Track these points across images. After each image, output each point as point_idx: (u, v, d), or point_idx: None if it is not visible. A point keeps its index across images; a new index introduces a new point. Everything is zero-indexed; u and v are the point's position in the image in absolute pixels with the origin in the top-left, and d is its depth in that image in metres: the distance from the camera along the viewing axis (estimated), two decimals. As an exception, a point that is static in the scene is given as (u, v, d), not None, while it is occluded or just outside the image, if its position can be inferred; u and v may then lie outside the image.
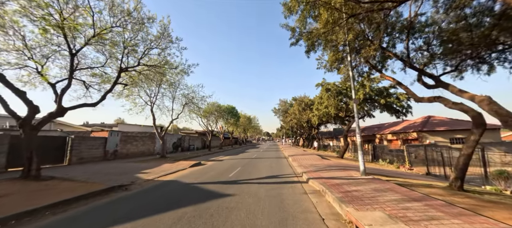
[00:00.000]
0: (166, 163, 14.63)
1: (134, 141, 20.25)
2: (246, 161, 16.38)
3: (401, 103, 16.43)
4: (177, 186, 7.78)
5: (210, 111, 32.12)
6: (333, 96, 16.73)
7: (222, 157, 20.22)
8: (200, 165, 14.29)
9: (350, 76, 12.33)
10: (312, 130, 37.75)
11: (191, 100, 21.31)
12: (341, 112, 20.41)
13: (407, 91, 9.87)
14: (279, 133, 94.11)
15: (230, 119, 38.65)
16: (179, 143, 29.12)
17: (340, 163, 14.10)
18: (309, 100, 31.28)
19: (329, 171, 9.82)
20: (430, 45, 9.29)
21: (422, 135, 20.46)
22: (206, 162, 16.32)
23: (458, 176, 7.30)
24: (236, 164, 14.18)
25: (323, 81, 17.50)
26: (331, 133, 53.31)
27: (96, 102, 10.01)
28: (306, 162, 13.67)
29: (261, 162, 15.15)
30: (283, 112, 40.25)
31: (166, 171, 11.31)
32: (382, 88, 17.31)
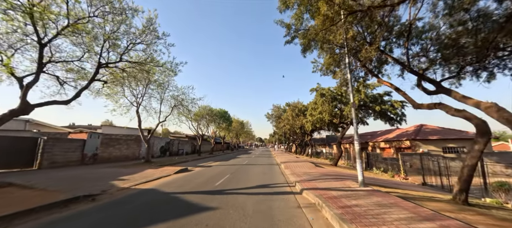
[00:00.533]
0: (150, 169, 13.55)
1: (117, 144, 18.95)
2: (236, 167, 15.49)
3: (396, 111, 16.15)
4: (155, 196, 6.84)
5: (201, 114, 31.10)
6: (327, 102, 16.28)
7: (212, 163, 19.22)
8: (186, 171, 13.29)
9: (347, 79, 11.84)
10: (305, 137, 37.29)
11: (180, 102, 20.33)
12: (335, 118, 19.99)
13: (405, 97, 9.43)
14: (272, 139, 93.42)
15: (222, 123, 37.67)
16: (168, 147, 27.84)
17: (334, 171, 13.48)
18: (303, 106, 30.87)
19: (324, 180, 9.13)
20: (428, 51, 8.96)
21: (415, 143, 20.29)
22: (194, 168, 15.31)
23: (463, 189, 6.77)
24: (225, 171, 13.28)
25: (317, 86, 17.09)
26: (324, 140, 53.12)
27: (69, 99, 8.98)
28: (299, 170, 12.96)
29: (251, 169, 14.32)
30: (276, 117, 39.68)
31: (147, 177, 10.29)
32: (376, 95, 17.04)
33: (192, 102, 21.49)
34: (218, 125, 36.32)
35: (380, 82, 10.26)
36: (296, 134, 39.06)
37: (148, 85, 16.86)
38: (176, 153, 29.72)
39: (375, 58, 11.44)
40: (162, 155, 26.24)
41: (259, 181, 9.65)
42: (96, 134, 16.86)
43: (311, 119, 20.70)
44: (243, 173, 12.51)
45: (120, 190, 7.64)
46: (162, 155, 26.26)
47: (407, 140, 21.21)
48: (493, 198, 8.93)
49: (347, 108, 15.35)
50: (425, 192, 8.56)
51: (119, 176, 10.60)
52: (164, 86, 18.28)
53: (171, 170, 13.03)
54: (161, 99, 18.63)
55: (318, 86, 16.95)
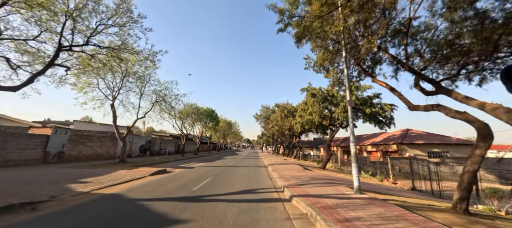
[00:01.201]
0: (122, 170, 12.10)
1: (89, 142, 17.13)
2: (220, 169, 14.40)
3: (385, 114, 15.91)
4: (115, 204, 5.66)
5: (186, 112, 29.58)
6: (318, 102, 15.70)
7: (195, 164, 17.95)
8: (164, 173, 12.01)
9: (340, 78, 11.30)
10: (293, 138, 36.86)
11: (163, 98, 18.87)
12: (325, 120, 19.52)
13: (400, 98, 8.93)
14: (260, 140, 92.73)
15: (209, 122, 36.26)
16: (148, 146, 26.04)
17: (324, 175, 12.83)
18: (292, 107, 30.37)
19: (315, 185, 8.36)
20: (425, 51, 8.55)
21: (402, 147, 20.35)
22: (173, 169, 14.02)
23: (463, 197, 6.26)
24: (207, 173, 12.17)
25: (308, 86, 16.49)
26: (311, 142, 53.22)
27: (18, 85, 7.49)
28: (288, 173, 12.15)
29: (237, 172, 13.31)
30: (265, 118, 38.93)
31: (115, 180, 8.96)
32: (366, 97, 16.73)
33: (176, 99, 20.08)
34: (205, 124, 34.87)
35: (375, 81, 9.72)
36: (284, 136, 38.53)
37: (125, 77, 15.32)
38: (157, 153, 27.94)
39: (369, 57, 10.98)
40: (142, 155, 24.45)
41: (244, 186, 8.68)
42: (63, 130, 15.02)
43: (301, 120, 20.10)
44: (226, 175, 11.47)
45: (74, 196, 6.33)
46: (142, 154, 24.47)
47: (394, 144, 21.25)
48: (485, 205, 8.65)
49: (338, 110, 14.86)
50: (420, 199, 8.05)
51: (82, 178, 9.16)
52: (145, 79, 16.81)
53: (146, 171, 11.70)
54: (140, 93, 17.11)
55: (309, 86, 16.38)
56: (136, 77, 16.08)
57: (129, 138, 22.14)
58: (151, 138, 27.15)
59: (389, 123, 16.49)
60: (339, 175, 14.64)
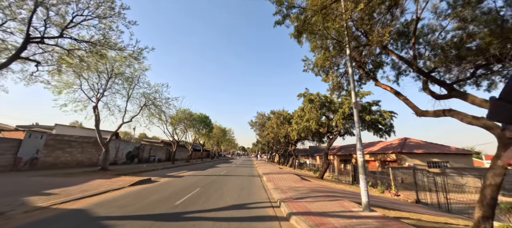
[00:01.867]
0: (100, 179, 10.86)
1: (69, 147, 15.77)
2: (211, 179, 13.30)
3: (385, 122, 15.29)
4: (73, 224, 4.58)
5: (179, 118, 28.42)
6: (315, 109, 14.98)
7: (184, 173, 16.74)
8: (147, 183, 10.85)
9: (345, 77, 10.59)
10: (289, 146, 35.95)
11: (152, 102, 17.79)
12: (322, 127, 18.80)
13: (406, 102, 8.24)
14: (255, 148, 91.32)
15: (202, 129, 35.04)
16: (136, 153, 24.61)
17: (323, 186, 11.91)
18: (288, 114, 29.64)
19: (315, 199, 7.43)
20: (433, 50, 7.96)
21: (401, 157, 19.72)
22: (160, 178, 12.83)
23: (487, 215, 5.44)
24: (196, 183, 11.06)
25: (305, 91, 15.80)
26: (307, 150, 52.36)
27: (-28, 80, 6.41)
28: (284, 184, 11.18)
29: (229, 182, 12.24)
30: (260, 125, 38.04)
31: (87, 192, 7.80)
32: (365, 104, 16.14)
33: (167, 103, 19.02)
34: (197, 131, 33.63)
35: (379, 85, 9.04)
36: (279, 144, 37.59)
37: (111, 78, 14.27)
38: (146, 160, 26.46)
39: (369, 60, 10.39)
40: (129, 162, 22.99)
41: (235, 199, 7.67)
42: (39, 134, 13.70)
43: (297, 127, 19.28)
44: (217, 186, 10.40)
45: (27, 212, 5.21)
46: (129, 161, 23.00)
47: (393, 153, 20.62)
48: (501, 222, 7.88)
49: (337, 116, 14.15)
50: (432, 215, 7.20)
51: (49, 188, 7.96)
52: (133, 81, 15.79)
53: (127, 181, 10.51)
54: (128, 96, 16.01)
55: (306, 92, 15.69)
56: (124, 78, 15.05)
57: (115, 144, 20.79)
58: (139, 145, 25.74)
59: (389, 131, 15.86)
60: (339, 186, 13.74)
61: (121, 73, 14.87)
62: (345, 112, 14.04)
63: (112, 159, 20.31)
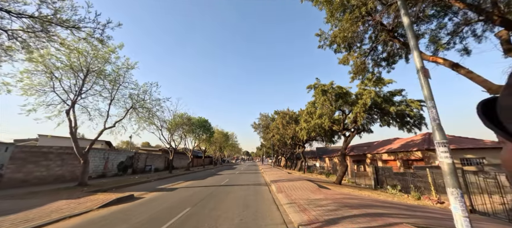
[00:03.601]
0: (67, 199, 8.59)
1: (44, 160, 13.61)
2: (208, 191, 10.94)
3: (413, 112, 12.81)
4: None
5: (176, 123, 26.28)
6: (330, 101, 12.61)
7: (179, 184, 14.42)
8: (126, 202, 8.56)
9: (365, 64, 8.27)
10: (296, 148, 33.43)
11: (141, 104, 15.62)
12: (336, 125, 16.36)
13: (471, 77, 5.86)
14: (259, 152, 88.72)
15: (202, 134, 32.80)
16: (130, 163, 22.40)
17: (349, 195, 9.44)
18: (293, 113, 27.26)
19: (354, 223, 5.01)
20: None
21: (428, 154, 17.10)
22: (147, 193, 10.54)
23: None
24: (188, 200, 8.73)
25: (316, 82, 13.41)
26: (314, 152, 49.63)
27: None
28: (299, 195, 8.77)
29: (230, 195, 9.86)
30: (264, 127, 35.63)
31: (28, 222, 5.53)
32: (387, 94, 13.72)
33: (158, 104, 16.83)
34: (197, 136, 31.39)
35: (426, 58, 6.65)
36: (285, 146, 35.06)
37: (87, 76, 12.16)
38: (142, 170, 24.23)
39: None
40: (121, 173, 20.77)
41: (237, 224, 5.30)
42: (3, 146, 11.57)
43: (307, 126, 16.88)
44: (214, 203, 8.04)
45: None
46: (121, 173, 20.78)
47: (418, 151, 18.00)
48: None
49: (357, 109, 11.72)
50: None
51: (-22, 219, 5.71)
52: (116, 80, 13.67)
53: (100, 201, 8.23)
54: (111, 98, 13.87)
55: (317, 82, 13.31)
56: (104, 76, 12.94)
57: (103, 154, 18.63)
58: (134, 154, 23.54)
59: (419, 124, 13.36)
60: (364, 193, 11.23)
61: (102, 71, 12.78)
62: (367, 103, 11.62)
63: (100, 172, 18.15)
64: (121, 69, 13.73)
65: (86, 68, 11.94)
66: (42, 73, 11.35)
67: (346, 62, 9.13)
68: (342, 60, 9.16)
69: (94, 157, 17.56)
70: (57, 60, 11.38)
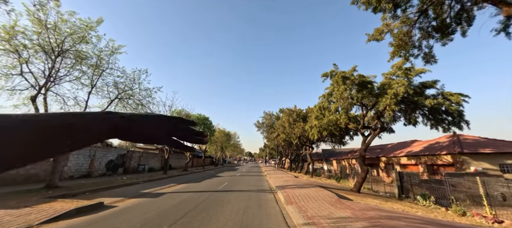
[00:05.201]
0: (10, 208, 6.54)
1: (13, 157, 11.62)
2: (201, 198, 8.81)
3: (455, 107, 10.43)
4: None
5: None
6: (349, 90, 10.32)
7: (170, 187, 12.34)
8: (91, 212, 6.52)
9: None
10: (303, 149, 31.10)
11: (128, 94, 13.61)
12: (352, 123, 14.06)
13: None
14: (262, 153, 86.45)
15: (202, 132, 30.75)
16: (121, 162, 20.45)
17: (382, 210, 7.15)
18: (301, 111, 24.98)
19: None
20: None
21: (461, 159, 14.62)
22: (124, 200, 8.48)
23: None
24: (170, 213, 6.60)
25: (334, 69, 11.09)
26: (320, 155, 47.08)
27: None
28: (318, 209, 6.56)
29: (226, 207, 7.70)
30: (268, 126, 33.41)
31: None
32: (419, 85, 11.40)
33: (149, 95, 14.78)
34: (196, 134, 29.33)
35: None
36: (290, 147, 32.75)
37: (59, 56, 10.21)
38: (135, 170, 22.27)
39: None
40: (111, 173, 18.82)
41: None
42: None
43: (318, 123, 14.62)
44: (201, 219, 5.89)
45: None
46: (111, 172, 18.83)
47: (448, 155, 15.53)
48: None
49: (385, 101, 9.41)
50: None
51: None
52: (100, 66, 11.71)
53: (52, 211, 6.17)
54: (92, 85, 11.90)
55: (335, 69, 11.01)
56: (81, 59, 10.96)
57: (89, 151, 16.70)
58: (126, 152, 21.59)
59: (459, 122, 10.98)
60: (400, 206, 8.90)
61: (79, 53, 10.82)
62: (399, 93, 9.32)
63: (85, 171, 16.22)
64: (103, 52, 11.77)
65: (59, 47, 9.98)
66: (7, 53, 9.44)
67: (380, 36, 6.90)
68: (374, 35, 6.94)
69: (77, 154, 15.64)
70: (24, 36, 9.47)
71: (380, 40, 7.18)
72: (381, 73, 11.33)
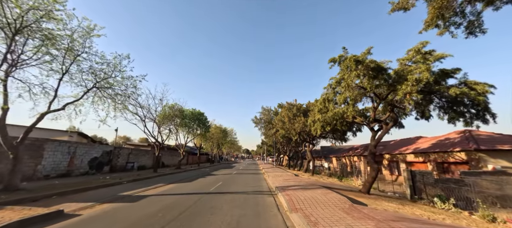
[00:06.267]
0: None
1: (-29, 154, 10.02)
2: (188, 203, 7.36)
3: (481, 98, 9.10)
4: None
5: (166, 115, 22.77)
6: (362, 78, 8.89)
7: (156, 188, 10.85)
8: (39, 225, 4.98)
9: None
10: (302, 146, 29.83)
11: (110, 83, 11.96)
12: (358, 117, 12.70)
13: None
14: (260, 150, 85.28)
15: (196, 128, 29.23)
16: (107, 159, 18.85)
17: (407, 218, 5.78)
18: (301, 105, 23.57)
19: None
20: None
21: (477, 156, 13.41)
22: (94, 206, 7.00)
23: None
24: (142, 225, 5.12)
25: (342, 54, 9.55)
26: (319, 152, 45.93)
27: None
28: (330, 219, 5.19)
29: (215, 215, 6.26)
30: (266, 122, 31.97)
31: None
32: (439, 73, 10.03)
33: (133, 85, 13.12)
34: (190, 130, 27.82)
35: None
36: (289, 143, 31.43)
37: (18, 33, 8.55)
38: (123, 168, 20.68)
39: None
40: (95, 172, 17.24)
41: None
42: None
43: (322, 117, 13.24)
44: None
45: None
46: (94, 171, 17.24)
47: (462, 151, 14.31)
48: None
49: (406, 88, 8.00)
50: None
51: None
52: (69, 47, 10.05)
53: None
54: (63, 70, 10.26)
55: (344, 53, 9.51)
56: (47, 38, 9.29)
57: (67, 147, 15.05)
58: (112, 148, 19.96)
59: (484, 115, 9.67)
60: (423, 213, 7.56)
61: (50, 37, 9.15)
62: (422, 79, 7.92)
63: (63, 169, 14.61)
64: (77, 33, 10.11)
65: (17, 22, 8.30)
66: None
67: (409, 3, 5.42)
68: (400, 2, 5.47)
69: (54, 151, 14.01)
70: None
71: (408, 9, 5.76)
72: (396, 59, 9.92)
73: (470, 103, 9.47)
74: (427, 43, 9.21)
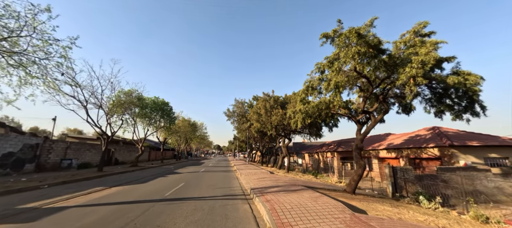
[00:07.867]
0: None
1: None
2: (125, 218, 4.79)
3: (477, 88, 8.44)
4: None
5: (121, 103, 18.87)
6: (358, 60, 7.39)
7: (90, 194, 7.80)
8: None
9: None
10: (277, 142, 28.55)
11: (12, 41, 8.30)
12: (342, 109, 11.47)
13: None
14: (231, 146, 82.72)
15: (160, 120, 25.45)
16: (31, 155, 14.42)
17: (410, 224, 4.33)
18: (278, 97, 21.98)
19: None
20: None
21: (450, 152, 13.51)
22: None
23: None
24: None
25: (336, 28, 7.93)
26: (291, 148, 45.70)
27: None
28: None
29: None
30: (240, 116, 29.76)
31: None
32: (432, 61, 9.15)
33: (62, 55, 9.54)
34: (151, 122, 24.01)
35: None
36: (263, 138, 29.87)
37: None
38: (56, 166, 16.28)
39: None
40: (10, 171, 12.85)
41: None
42: None
43: (305, 108, 11.68)
44: None
45: None
46: (10, 170, 12.86)
47: (436, 147, 14.34)
48: None
49: (412, 71, 6.72)
50: None
51: None
52: None
53: None
54: None
55: (338, 28, 7.91)
56: None
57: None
58: (41, 141, 15.44)
59: (473, 108, 9.13)
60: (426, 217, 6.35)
61: None
62: (429, 61, 6.72)
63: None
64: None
65: None
66: None
67: None
68: None
69: None
70: None
71: None
72: (392, 41, 8.73)
73: (462, 94, 8.79)
74: (427, 24, 8.15)
